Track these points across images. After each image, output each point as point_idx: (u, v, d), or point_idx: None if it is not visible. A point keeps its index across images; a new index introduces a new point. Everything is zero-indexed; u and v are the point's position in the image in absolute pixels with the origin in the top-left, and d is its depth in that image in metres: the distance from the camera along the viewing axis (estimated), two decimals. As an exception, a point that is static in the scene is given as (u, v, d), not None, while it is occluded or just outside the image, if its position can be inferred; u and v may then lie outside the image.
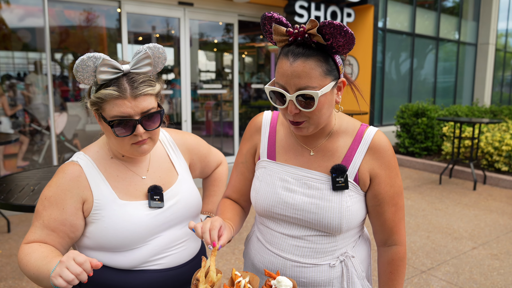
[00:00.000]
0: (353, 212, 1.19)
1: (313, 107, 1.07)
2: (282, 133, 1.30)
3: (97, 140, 1.31)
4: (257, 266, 1.32)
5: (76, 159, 1.22)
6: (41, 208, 1.17)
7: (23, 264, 1.12)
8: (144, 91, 1.13)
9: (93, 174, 1.21)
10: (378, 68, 8.85)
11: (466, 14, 11.35)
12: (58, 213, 1.16)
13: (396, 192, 1.23)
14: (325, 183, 1.19)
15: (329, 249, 1.22)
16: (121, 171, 1.25)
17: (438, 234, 4.15)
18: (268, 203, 1.24)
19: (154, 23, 6.58)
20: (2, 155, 5.50)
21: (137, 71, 1.15)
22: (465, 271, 3.36)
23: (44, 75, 5.48)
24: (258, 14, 7.22)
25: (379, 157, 1.20)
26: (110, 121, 1.12)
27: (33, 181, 2.44)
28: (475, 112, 8.75)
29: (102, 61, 1.08)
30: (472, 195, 5.61)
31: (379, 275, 1.33)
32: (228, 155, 7.30)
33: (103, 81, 1.11)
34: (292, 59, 1.06)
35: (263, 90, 8.27)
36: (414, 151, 7.66)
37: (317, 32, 1.03)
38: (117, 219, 1.17)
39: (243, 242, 3.84)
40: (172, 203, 1.27)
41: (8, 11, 5.30)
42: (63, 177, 1.19)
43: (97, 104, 1.14)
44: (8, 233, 4.00)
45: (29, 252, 1.12)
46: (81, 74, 1.10)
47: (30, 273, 1.10)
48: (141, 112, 1.13)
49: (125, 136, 1.15)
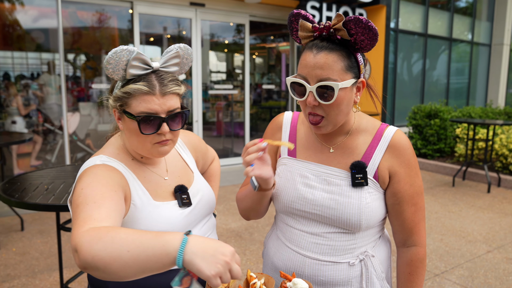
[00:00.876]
0: (372, 209, 1.19)
1: (332, 100, 1.09)
2: (303, 132, 1.32)
3: (109, 143, 1.24)
4: (276, 264, 1.31)
5: (102, 162, 1.12)
6: (81, 198, 0.98)
7: (110, 238, 0.84)
8: (172, 89, 1.12)
9: (127, 174, 1.16)
10: (390, 69, 8.77)
11: (479, 14, 11.20)
12: (106, 190, 1.01)
13: (416, 192, 1.22)
14: (344, 179, 1.20)
15: (348, 247, 1.22)
16: (146, 172, 1.22)
17: (452, 237, 4.09)
18: (288, 198, 1.25)
19: (166, 23, 6.61)
20: (16, 154, 5.57)
21: (166, 69, 1.14)
22: (479, 275, 3.30)
23: (57, 75, 5.54)
24: (269, 15, 7.21)
25: (398, 155, 1.20)
26: (137, 116, 1.09)
27: (47, 180, 2.46)
28: (489, 114, 8.61)
29: (136, 54, 1.07)
30: (486, 197, 5.52)
31: (398, 276, 1.31)
32: (239, 156, 7.30)
33: (132, 76, 1.09)
34: (315, 51, 1.09)
35: (274, 90, 8.25)
36: (427, 152, 7.57)
37: (342, 26, 1.06)
38: (154, 221, 1.15)
39: (254, 242, 3.83)
40: (197, 201, 1.28)
41: (22, 12, 5.37)
42: (97, 169, 1.07)
43: (123, 99, 1.11)
44: (22, 231, 4.04)
45: (112, 229, 0.87)
46: (113, 66, 1.07)
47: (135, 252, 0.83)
48: (168, 111, 1.12)
49: (150, 134, 1.11)
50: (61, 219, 4.23)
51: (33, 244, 3.74)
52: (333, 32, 1.08)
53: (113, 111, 1.17)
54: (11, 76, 5.52)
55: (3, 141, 3.70)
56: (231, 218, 4.51)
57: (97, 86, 6.17)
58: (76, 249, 0.85)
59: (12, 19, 5.39)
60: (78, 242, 0.85)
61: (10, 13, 5.37)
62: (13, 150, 5.51)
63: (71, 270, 3.22)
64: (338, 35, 1.08)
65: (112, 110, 1.17)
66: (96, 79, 6.20)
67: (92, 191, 1.00)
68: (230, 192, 5.57)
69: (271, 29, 8.00)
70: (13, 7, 5.36)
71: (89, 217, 0.93)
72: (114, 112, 1.17)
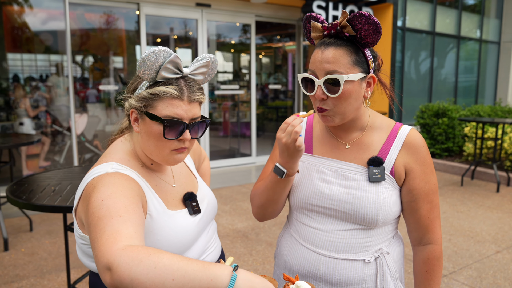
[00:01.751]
0: (389, 204, 1.20)
1: (339, 92, 1.12)
2: (318, 129, 1.34)
3: (117, 148, 1.18)
4: (290, 263, 1.31)
5: (113, 170, 1.06)
6: (103, 211, 0.92)
7: (152, 262, 0.80)
8: (199, 97, 1.11)
9: (141, 183, 1.11)
10: (397, 68, 8.71)
11: (488, 11, 11.08)
12: (129, 203, 0.96)
13: (431, 189, 1.24)
14: (362, 174, 1.21)
15: (363, 245, 1.22)
16: (156, 180, 1.19)
17: (460, 237, 4.05)
18: (305, 194, 1.26)
19: (172, 24, 6.63)
20: (25, 155, 5.63)
21: (194, 77, 1.13)
22: (488, 276, 3.27)
23: (65, 77, 5.59)
24: (275, 15, 7.20)
25: (414, 152, 1.22)
26: (163, 119, 1.06)
27: (54, 182, 2.48)
28: (498, 112, 8.51)
29: (173, 57, 1.05)
30: (495, 197, 5.46)
31: (415, 274, 1.31)
32: (245, 156, 7.31)
33: (163, 78, 1.07)
34: (323, 48, 1.15)
35: (280, 90, 8.24)
36: (435, 152, 7.51)
37: (347, 22, 1.11)
38: (170, 231, 1.13)
39: (260, 243, 3.83)
40: (205, 207, 1.28)
41: (31, 15, 5.43)
42: (115, 178, 1.02)
43: (149, 100, 1.08)
44: (31, 231, 4.09)
45: (153, 250, 0.83)
46: (149, 65, 1.04)
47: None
48: (191, 118, 1.10)
49: (171, 140, 1.09)
50: (68, 220, 4.27)
51: (42, 244, 3.78)
52: (340, 29, 1.13)
53: (131, 112, 1.13)
54: (20, 78, 5.58)
55: (11, 143, 3.74)
56: (237, 218, 4.52)
57: (104, 88, 6.22)
58: (110, 267, 0.80)
59: (21, 22, 5.46)
60: (114, 261, 0.80)
61: (19, 16, 5.43)
62: (22, 151, 5.57)
63: (78, 270, 3.25)
64: (345, 32, 1.13)
65: (130, 111, 1.13)
66: (104, 80, 6.25)
67: (116, 204, 0.94)
68: (237, 192, 5.58)
69: (277, 29, 8.00)
70: (22, 9, 5.42)
71: (117, 233, 0.87)
72: (131, 113, 1.13)
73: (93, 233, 0.90)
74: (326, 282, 1.24)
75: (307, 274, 1.27)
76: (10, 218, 4.47)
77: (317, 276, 1.24)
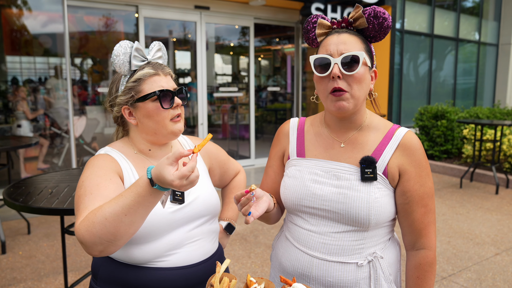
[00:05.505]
0: (381, 205, 1.18)
1: (357, 69, 1.14)
2: (312, 133, 1.34)
3: (117, 140, 1.35)
4: (284, 265, 1.31)
5: (105, 152, 1.26)
6: (81, 191, 1.13)
7: (102, 218, 0.99)
8: (169, 71, 1.31)
9: (124, 164, 1.26)
10: (396, 70, 8.72)
11: (486, 14, 11.10)
12: (101, 181, 1.14)
13: (426, 193, 1.22)
14: (354, 174, 1.21)
15: (356, 247, 1.21)
16: (146, 163, 1.30)
17: (459, 239, 4.05)
18: (297, 196, 1.26)
19: (171, 27, 6.64)
20: (23, 158, 5.62)
21: (156, 61, 1.30)
22: (487, 278, 3.26)
23: (64, 79, 5.58)
24: (274, 17, 7.21)
25: (409, 154, 1.21)
26: (155, 92, 1.21)
27: (51, 184, 2.47)
28: (497, 114, 8.52)
29: (136, 44, 1.23)
30: (494, 199, 5.46)
31: (406, 280, 1.30)
32: (244, 158, 7.30)
33: (136, 66, 1.24)
34: (338, 33, 1.20)
35: (279, 93, 8.24)
36: (434, 154, 7.51)
37: (361, 13, 1.18)
38: None
39: (259, 245, 3.82)
40: (191, 200, 1.29)
41: (30, 17, 5.43)
42: (97, 160, 1.21)
43: (134, 88, 1.23)
44: (28, 234, 4.07)
45: (98, 209, 1.02)
46: (121, 59, 1.21)
47: (118, 213, 0.98)
48: (173, 88, 1.27)
49: (167, 109, 1.23)
50: (66, 222, 4.26)
51: (39, 247, 3.76)
52: (352, 22, 1.20)
53: (123, 109, 1.25)
54: (19, 81, 5.57)
55: (9, 145, 3.73)
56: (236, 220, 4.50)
57: (102, 90, 6.21)
58: (81, 241, 1.01)
59: (20, 25, 5.46)
60: (78, 235, 1.01)
61: (18, 19, 5.43)
62: (20, 154, 5.56)
63: (76, 273, 3.24)
64: (355, 25, 1.20)
65: (122, 108, 1.25)
66: (103, 82, 6.24)
67: (90, 183, 1.13)
68: (236, 194, 5.56)
69: (276, 32, 8.00)
70: (21, 12, 5.42)
71: (85, 209, 1.07)
72: (123, 110, 1.26)
73: (75, 210, 1.12)
74: (320, 284, 1.23)
75: (301, 276, 1.26)
76: (8, 221, 4.45)
77: (310, 278, 1.24)
